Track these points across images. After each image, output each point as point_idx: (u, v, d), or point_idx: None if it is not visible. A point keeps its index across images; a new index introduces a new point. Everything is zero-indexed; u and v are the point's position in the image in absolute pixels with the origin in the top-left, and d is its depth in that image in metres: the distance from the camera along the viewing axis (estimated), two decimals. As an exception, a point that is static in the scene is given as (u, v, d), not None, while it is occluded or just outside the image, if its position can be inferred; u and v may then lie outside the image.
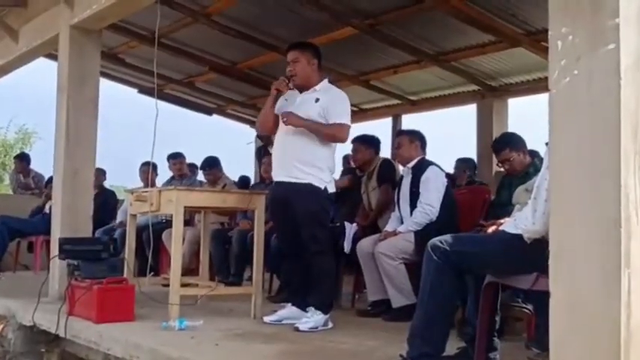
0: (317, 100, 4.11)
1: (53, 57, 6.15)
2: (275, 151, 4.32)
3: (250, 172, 9.92)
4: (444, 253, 2.69)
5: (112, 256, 4.36)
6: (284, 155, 4.19)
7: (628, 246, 1.61)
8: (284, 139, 4.19)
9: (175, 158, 7.13)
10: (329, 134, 4.08)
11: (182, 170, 7.11)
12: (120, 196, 8.63)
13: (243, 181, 8.98)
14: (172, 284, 4.06)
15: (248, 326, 4.04)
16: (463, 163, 7.23)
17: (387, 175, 5.21)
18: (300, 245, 4.10)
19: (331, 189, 4.15)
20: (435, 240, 2.74)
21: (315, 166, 4.07)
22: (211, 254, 5.56)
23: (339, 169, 6.21)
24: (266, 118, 4.33)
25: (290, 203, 4.10)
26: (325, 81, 4.27)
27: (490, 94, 8.24)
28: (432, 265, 2.73)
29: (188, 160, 7.51)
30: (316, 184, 4.05)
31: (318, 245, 4.04)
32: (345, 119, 4.11)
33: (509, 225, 2.74)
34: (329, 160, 4.16)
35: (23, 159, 10.05)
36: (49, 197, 6.82)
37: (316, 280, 4.06)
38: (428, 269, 2.74)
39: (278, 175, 4.23)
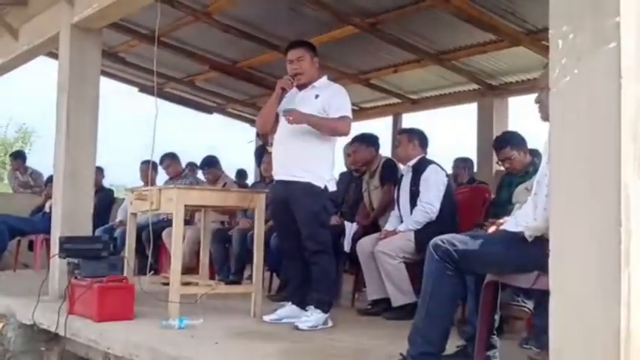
0: (317, 96, 4.11)
1: (54, 56, 6.15)
2: (275, 149, 4.31)
3: (250, 171, 9.93)
4: (446, 253, 2.69)
5: (112, 254, 4.36)
6: (284, 154, 4.18)
7: (628, 245, 1.61)
8: (284, 138, 4.18)
9: (162, 162, 7.09)
10: (332, 128, 4.06)
11: (172, 172, 7.08)
12: (120, 195, 8.64)
13: (241, 174, 8.99)
14: (172, 283, 4.06)
15: (248, 325, 4.04)
16: (462, 162, 7.25)
17: (390, 175, 5.18)
18: (300, 244, 4.09)
19: (331, 188, 4.14)
20: (437, 239, 2.75)
21: (316, 164, 4.06)
22: (211, 253, 5.56)
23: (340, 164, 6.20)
24: (267, 117, 4.31)
25: (290, 202, 4.09)
26: (325, 77, 4.27)
27: (490, 93, 8.24)
28: (433, 264, 2.73)
29: (189, 159, 7.50)
30: (316, 183, 4.04)
31: (318, 245, 4.04)
32: (347, 112, 4.10)
33: (509, 223, 2.74)
34: (329, 158, 4.15)
35: (18, 156, 10.05)
36: (49, 196, 6.82)
37: (316, 279, 4.06)
38: (430, 269, 2.75)
39: (278, 173, 4.22)
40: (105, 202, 7.74)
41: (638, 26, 1.67)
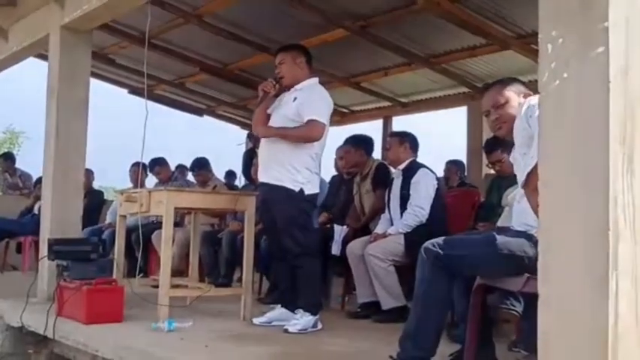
0: (295, 99, 4.11)
1: (43, 57, 6.13)
2: (260, 152, 4.34)
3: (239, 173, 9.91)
4: (437, 257, 2.70)
5: (101, 257, 4.34)
6: (265, 157, 4.21)
7: (616, 249, 1.62)
8: (266, 141, 4.21)
9: (152, 169, 7.08)
10: (298, 136, 4.03)
11: (163, 177, 7.07)
12: (109, 197, 8.61)
13: (230, 175, 8.96)
14: (162, 285, 4.04)
15: (237, 328, 4.03)
16: (453, 165, 7.29)
17: (383, 179, 5.14)
18: (284, 247, 4.10)
19: (310, 190, 4.09)
20: (428, 243, 2.76)
21: (292, 167, 4.05)
22: (201, 256, 5.54)
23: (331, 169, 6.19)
24: (257, 122, 4.32)
25: (270, 206, 4.12)
26: (311, 80, 4.23)
27: (480, 97, 8.19)
28: (425, 268, 2.74)
29: (179, 161, 7.48)
30: (290, 186, 4.03)
31: (300, 247, 4.04)
32: (317, 116, 4.01)
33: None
34: (307, 161, 4.09)
35: (8, 158, 9.99)
36: (38, 198, 6.80)
37: (303, 282, 4.05)
38: (421, 272, 2.75)
39: (261, 176, 4.26)
40: (94, 204, 7.72)
41: (627, 31, 1.68)
